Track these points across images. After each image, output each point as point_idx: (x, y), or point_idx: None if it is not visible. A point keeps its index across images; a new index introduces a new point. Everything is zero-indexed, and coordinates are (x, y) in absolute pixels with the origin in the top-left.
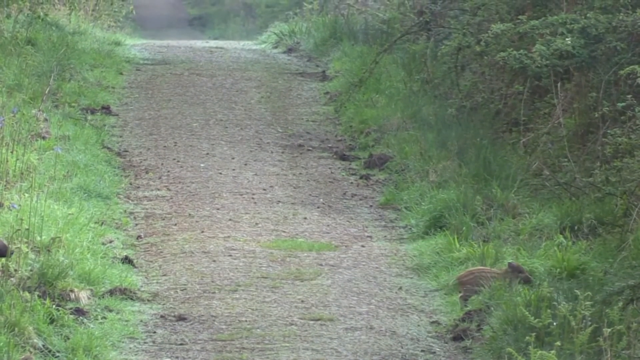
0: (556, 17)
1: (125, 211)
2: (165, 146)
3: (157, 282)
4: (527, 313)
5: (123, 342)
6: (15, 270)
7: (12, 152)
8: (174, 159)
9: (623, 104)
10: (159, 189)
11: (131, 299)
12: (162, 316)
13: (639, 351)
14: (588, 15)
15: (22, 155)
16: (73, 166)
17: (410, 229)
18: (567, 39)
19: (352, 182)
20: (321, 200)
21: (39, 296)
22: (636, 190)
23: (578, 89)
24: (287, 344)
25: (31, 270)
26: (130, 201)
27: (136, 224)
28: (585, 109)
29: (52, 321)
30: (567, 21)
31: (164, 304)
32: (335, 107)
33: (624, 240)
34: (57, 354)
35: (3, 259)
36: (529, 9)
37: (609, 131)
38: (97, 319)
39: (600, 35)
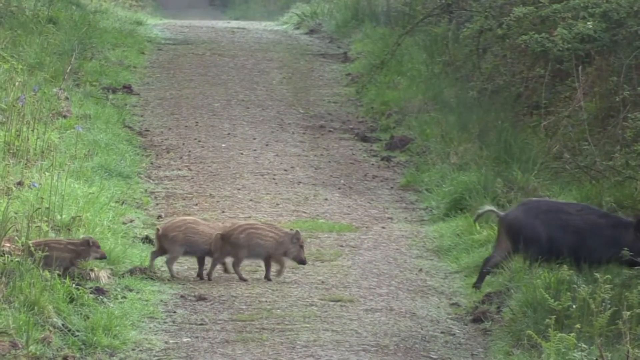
0: (578, 1)
1: (146, 191)
2: (186, 126)
3: (177, 262)
4: (546, 295)
5: (143, 321)
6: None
7: (32, 131)
8: (195, 139)
9: None
10: (180, 169)
11: (151, 278)
12: (182, 296)
13: None
14: None
15: (42, 134)
16: (94, 145)
17: (431, 210)
18: (588, 23)
19: (373, 164)
20: (342, 181)
21: (58, 275)
22: None
23: (599, 73)
24: (307, 325)
25: None
26: (151, 181)
27: (157, 204)
28: (606, 92)
29: (71, 300)
30: (588, 5)
31: (184, 284)
32: (357, 88)
33: None
34: (77, 333)
35: (23, 238)
36: None
37: (629, 115)
38: (117, 299)
39: (622, 20)
